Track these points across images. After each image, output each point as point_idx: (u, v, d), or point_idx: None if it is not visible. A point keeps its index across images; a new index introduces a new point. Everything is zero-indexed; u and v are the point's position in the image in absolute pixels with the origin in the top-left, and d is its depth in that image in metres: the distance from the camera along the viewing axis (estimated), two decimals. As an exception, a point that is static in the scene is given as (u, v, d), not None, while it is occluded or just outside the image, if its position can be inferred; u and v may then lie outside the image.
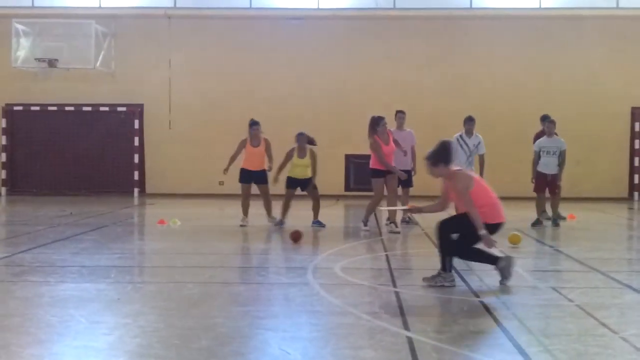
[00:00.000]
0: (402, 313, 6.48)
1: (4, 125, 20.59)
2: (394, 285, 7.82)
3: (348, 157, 20.84)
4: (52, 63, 19.53)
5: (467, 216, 7.57)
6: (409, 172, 13.28)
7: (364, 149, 20.28)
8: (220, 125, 20.05)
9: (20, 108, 20.70)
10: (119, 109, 20.87)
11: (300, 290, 7.52)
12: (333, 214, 16.83)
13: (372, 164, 12.61)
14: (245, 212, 13.32)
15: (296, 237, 10.98)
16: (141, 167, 21.05)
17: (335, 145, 20.49)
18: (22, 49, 19.72)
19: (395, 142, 12.80)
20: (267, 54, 20.77)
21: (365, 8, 20.96)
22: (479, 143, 13.60)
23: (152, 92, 20.82)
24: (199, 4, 21.01)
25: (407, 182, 13.39)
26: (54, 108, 20.76)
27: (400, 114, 13.93)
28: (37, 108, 20.74)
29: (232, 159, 13.35)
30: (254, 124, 13.47)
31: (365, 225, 12.51)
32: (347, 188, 21.03)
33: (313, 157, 13.20)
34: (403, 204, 13.43)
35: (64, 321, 6.17)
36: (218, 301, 7.13)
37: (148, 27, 20.84)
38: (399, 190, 13.61)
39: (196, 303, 7.00)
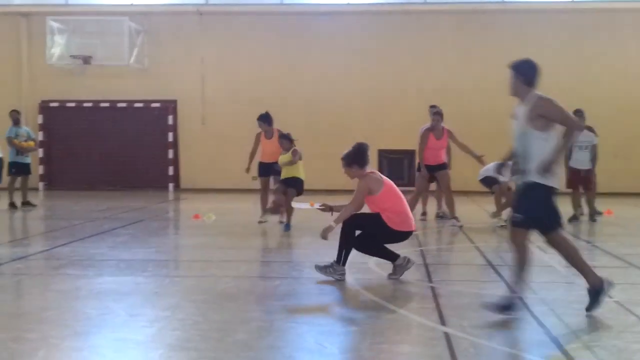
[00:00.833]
0: (438, 308, 6.46)
1: (40, 121, 20.85)
2: (430, 281, 7.80)
3: (381, 153, 20.79)
4: (86, 60, 19.74)
5: (374, 215, 7.72)
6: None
7: (398, 143, 20.43)
8: (253, 121, 19.98)
9: (57, 104, 20.94)
10: (153, 105, 21.04)
11: (336, 285, 7.53)
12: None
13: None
14: (264, 207, 13.11)
15: (275, 208, 11.22)
16: (175, 162, 21.21)
17: (367, 141, 20.34)
18: (57, 46, 19.96)
19: (452, 137, 12.86)
20: (299, 49, 20.77)
21: (396, 3, 20.88)
22: None
23: (186, 88, 20.95)
24: (230, 1, 21.08)
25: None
26: (89, 104, 20.98)
27: (432, 109, 13.71)
28: (73, 104, 20.98)
29: (251, 155, 13.39)
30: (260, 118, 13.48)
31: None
32: (380, 183, 20.95)
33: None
34: (442, 199, 13.39)
35: (102, 314, 6.23)
36: (254, 295, 7.17)
37: (180, 23, 20.97)
38: (432, 186, 13.59)
39: (233, 297, 7.03)
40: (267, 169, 13.19)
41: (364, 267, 8.45)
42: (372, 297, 6.89)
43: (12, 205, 14.98)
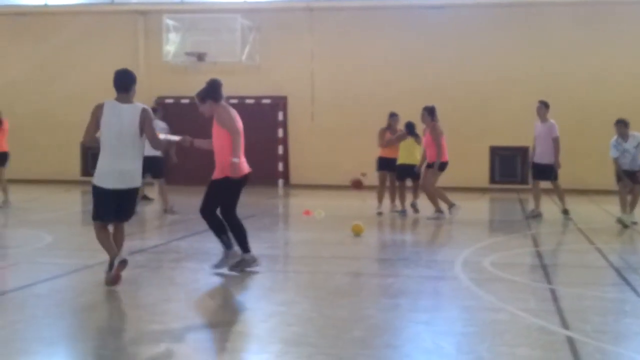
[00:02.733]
0: (559, 311, 6.25)
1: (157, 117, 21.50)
2: (549, 282, 7.56)
3: (493, 149, 20.38)
4: (200, 57, 20.19)
5: (213, 184, 7.81)
6: (550, 166, 12.94)
7: (509, 140, 19.99)
8: (362, 117, 20.07)
9: (172, 101, 21.56)
10: (264, 101, 21.34)
11: (450, 284, 7.42)
12: (478, 207, 16.52)
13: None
14: (380, 200, 13.62)
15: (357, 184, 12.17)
16: (285, 158, 21.45)
17: (479, 137, 20.11)
18: (173, 44, 20.52)
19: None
20: (409, 45, 20.59)
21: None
22: (638, 144, 12.19)
23: (296, 84, 21.14)
24: (342, -4, 21.13)
25: (549, 174, 13.01)
26: (203, 101, 21.47)
27: (540, 105, 13.31)
28: (187, 101, 21.52)
29: (384, 145, 13.65)
30: (393, 115, 14.07)
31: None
32: (492, 180, 20.57)
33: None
34: (561, 196, 13.10)
35: (220, 307, 6.36)
36: (368, 292, 7.15)
37: (290, 19, 21.16)
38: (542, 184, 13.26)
39: (346, 293, 7.04)
40: (386, 164, 13.59)
41: (478, 267, 8.29)
42: (490, 297, 6.73)
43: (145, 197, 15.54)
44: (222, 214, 7.80)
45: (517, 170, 20.02)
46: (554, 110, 13.65)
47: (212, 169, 8.11)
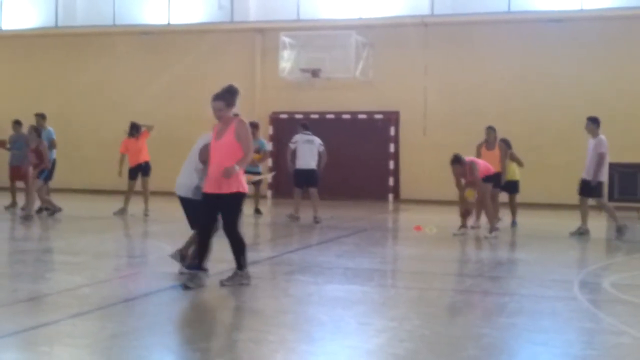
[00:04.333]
0: (685, 336, 5.97)
1: (271, 132, 21.93)
2: (675, 306, 7.23)
3: (612, 166, 19.64)
4: (315, 73, 20.47)
5: (230, 199, 7.50)
6: (589, 182, 12.74)
7: (630, 156, 19.23)
8: (474, 133, 19.75)
9: (286, 116, 21.93)
10: (376, 116, 21.40)
11: (568, 305, 7.21)
12: (596, 226, 15.96)
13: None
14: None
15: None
16: (396, 173, 21.42)
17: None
18: (288, 60, 20.90)
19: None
20: (524, 59, 20.19)
21: (630, 7, 19.68)
22: None
23: (408, 99, 21.09)
24: (457, 10, 20.93)
25: (589, 191, 12.80)
26: (316, 116, 21.73)
27: (588, 122, 13.08)
28: (301, 116, 21.85)
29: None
30: (489, 128, 14.08)
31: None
32: (611, 198, 19.83)
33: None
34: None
35: (334, 320, 6.41)
36: (481, 311, 7.05)
37: (404, 35, 21.13)
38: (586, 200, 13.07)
39: (460, 311, 6.97)
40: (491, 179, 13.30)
41: (597, 288, 8.03)
42: (610, 320, 6.50)
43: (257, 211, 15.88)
44: (226, 229, 7.63)
45: (638, 187, 19.23)
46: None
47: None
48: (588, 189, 12.78)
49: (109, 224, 14.38)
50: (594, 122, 12.86)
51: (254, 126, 15.78)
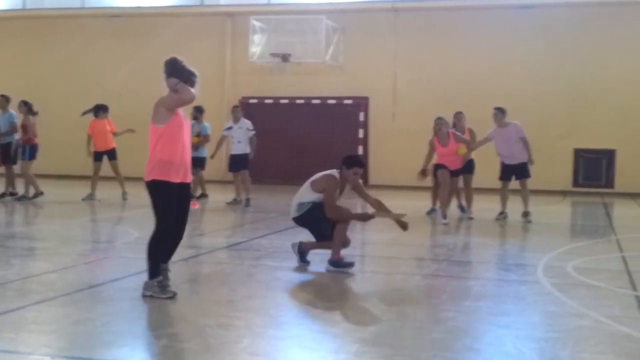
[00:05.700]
0: (645, 319, 6.11)
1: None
2: (634, 289, 7.38)
3: (578, 152, 19.92)
4: (285, 58, 20.41)
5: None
6: (524, 164, 13.03)
7: (597, 142, 19.49)
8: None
9: (255, 101, 21.88)
10: (346, 101, 21.43)
11: (532, 289, 7.32)
12: (560, 211, 16.21)
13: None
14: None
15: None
16: (365, 158, 21.47)
17: (562, 139, 19.70)
18: (258, 45, 20.79)
19: (471, 133, 13.62)
20: (493, 45, 20.35)
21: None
22: None
23: (378, 85, 21.14)
24: (427, -4, 21.03)
25: (522, 174, 13.13)
26: (286, 101, 21.72)
27: (495, 111, 13.32)
28: (271, 101, 21.82)
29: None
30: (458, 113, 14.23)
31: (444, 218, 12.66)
32: (575, 184, 20.11)
33: None
34: (524, 198, 13.13)
35: (301, 305, 6.45)
36: (447, 294, 7.13)
37: (375, 20, 21.17)
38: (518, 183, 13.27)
39: (426, 295, 7.04)
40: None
41: (560, 272, 8.15)
42: (573, 303, 6.61)
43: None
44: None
45: (602, 174, 19.53)
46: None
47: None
48: (525, 170, 13.14)
49: (76, 209, 14.28)
50: (503, 112, 13.26)
51: (199, 111, 15.74)
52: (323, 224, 8.07)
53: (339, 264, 7.91)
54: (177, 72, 6.46)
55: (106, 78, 22.59)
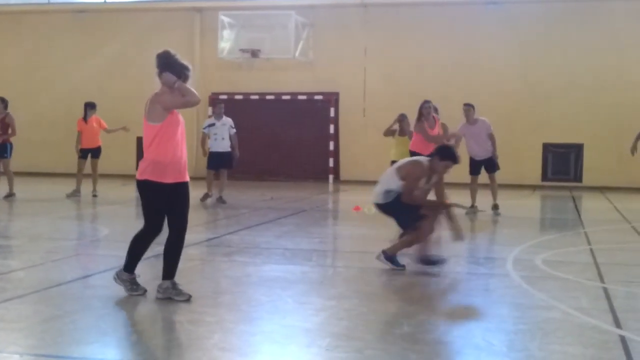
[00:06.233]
0: (612, 310, 6.18)
1: (210, 113, 21.73)
2: (602, 281, 7.47)
3: (546, 146, 20.12)
4: (254, 53, 20.37)
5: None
6: (491, 159, 13.32)
7: (564, 137, 19.71)
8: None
9: (225, 97, 21.78)
10: (316, 97, 21.44)
11: (501, 282, 7.39)
12: (529, 205, 16.36)
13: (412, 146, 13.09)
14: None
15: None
16: (336, 154, 21.51)
17: (531, 134, 19.89)
18: (227, 41, 20.73)
19: (444, 127, 13.24)
20: (463, 41, 20.47)
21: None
22: None
23: (348, 80, 21.18)
24: (395, -8, 21.08)
25: (492, 167, 13.43)
26: (256, 97, 21.67)
27: (466, 107, 13.65)
28: (241, 97, 21.75)
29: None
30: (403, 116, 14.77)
31: None
32: (544, 178, 20.33)
33: None
34: (493, 191, 13.38)
35: (272, 300, 6.44)
36: (418, 289, 7.16)
37: (344, 16, 21.20)
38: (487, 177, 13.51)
39: (396, 290, 7.06)
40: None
41: (529, 265, 8.23)
42: (541, 295, 6.68)
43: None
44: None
45: (570, 167, 19.76)
46: (612, 108, 13.48)
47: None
48: (493, 164, 13.43)
49: (45, 206, 14.12)
50: (474, 108, 13.54)
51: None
52: (410, 214, 7.86)
53: (428, 261, 7.74)
54: (170, 66, 6.21)
55: (73, 75, 22.36)
